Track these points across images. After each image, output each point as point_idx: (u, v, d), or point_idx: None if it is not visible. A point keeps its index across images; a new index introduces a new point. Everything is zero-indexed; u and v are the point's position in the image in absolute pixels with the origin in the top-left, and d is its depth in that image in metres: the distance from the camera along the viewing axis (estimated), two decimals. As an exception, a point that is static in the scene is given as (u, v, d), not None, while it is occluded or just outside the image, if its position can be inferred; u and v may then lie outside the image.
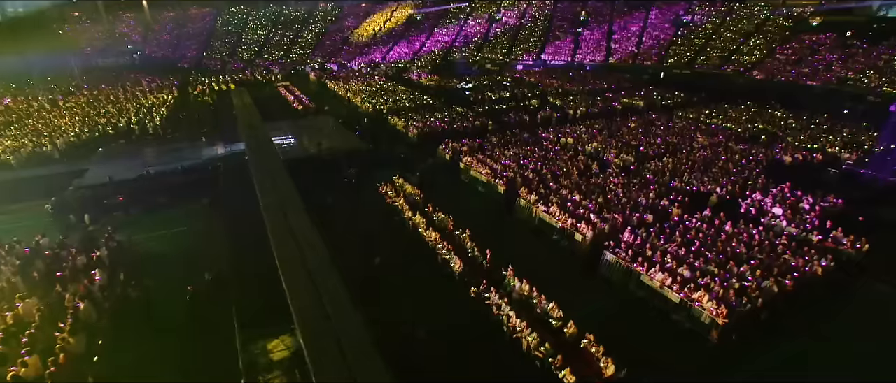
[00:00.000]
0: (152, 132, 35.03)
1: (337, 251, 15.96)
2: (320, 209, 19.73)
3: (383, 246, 16.94)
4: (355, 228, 18.45)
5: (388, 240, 17.67)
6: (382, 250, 16.45)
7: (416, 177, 22.81)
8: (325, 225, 18.06)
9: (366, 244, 17.02)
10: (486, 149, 26.40)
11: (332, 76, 60.74)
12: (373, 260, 15.70)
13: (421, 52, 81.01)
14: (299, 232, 16.05)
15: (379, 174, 23.87)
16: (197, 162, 25.22)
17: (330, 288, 10.71)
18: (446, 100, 42.18)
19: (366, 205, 20.92)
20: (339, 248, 16.40)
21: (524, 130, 30.91)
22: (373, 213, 20.08)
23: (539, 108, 38.07)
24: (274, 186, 20.58)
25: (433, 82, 52.08)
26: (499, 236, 17.66)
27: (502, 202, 20.62)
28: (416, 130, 30.66)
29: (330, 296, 9.92)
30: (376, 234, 17.92)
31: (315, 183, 23.00)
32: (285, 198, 19.36)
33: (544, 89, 46.33)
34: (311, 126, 32.33)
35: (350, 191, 22.46)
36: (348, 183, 23.21)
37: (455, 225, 17.28)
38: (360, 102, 40.85)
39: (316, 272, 11.24)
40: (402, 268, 15.72)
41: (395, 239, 17.91)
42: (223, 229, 18.91)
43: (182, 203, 21.76)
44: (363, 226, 18.73)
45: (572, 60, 67.97)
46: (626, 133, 29.08)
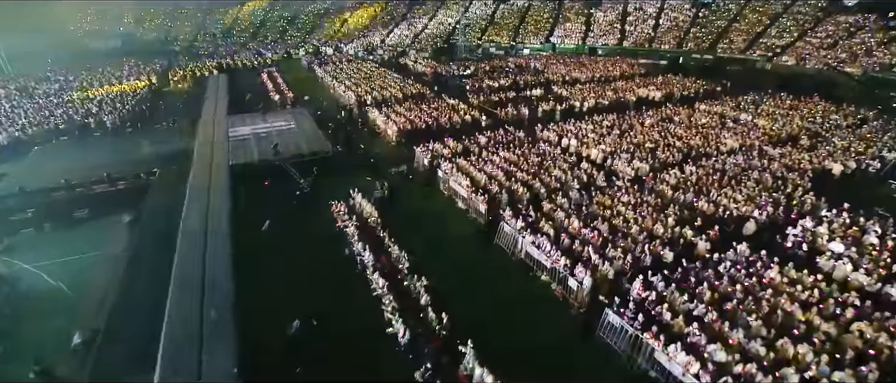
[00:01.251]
0: (111, 126, 31.60)
1: (250, 301, 12.45)
2: (250, 237, 16.10)
3: (315, 294, 13.22)
4: (285, 266, 14.67)
5: (324, 284, 13.79)
6: (312, 301, 12.75)
7: (381, 192, 18.98)
8: (248, 259, 14.63)
9: (292, 290, 13.34)
10: (473, 152, 22.43)
11: (322, 61, 56.68)
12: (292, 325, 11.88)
13: (422, 35, 76.34)
14: (211, 269, 12.98)
15: (341, 185, 20.11)
16: (137, 167, 21.63)
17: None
18: (439, 90, 38.04)
19: (308, 232, 16.90)
20: (257, 295, 12.96)
21: (521, 128, 26.78)
22: (314, 244, 16.04)
23: (542, 99, 33.80)
24: (204, 204, 17.15)
25: (430, 69, 47.78)
26: (469, 279, 13.88)
27: (483, 227, 16.74)
28: (397, 127, 26.70)
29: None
30: (310, 275, 14.15)
31: (259, 197, 19.28)
32: (212, 220, 15.90)
33: (551, 78, 41.82)
34: (282, 120, 28.56)
35: (297, 211, 18.58)
36: (300, 195, 19.48)
37: (413, 265, 13.47)
38: (342, 92, 36.85)
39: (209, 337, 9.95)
40: (333, 326, 12.00)
41: (335, 283, 13.86)
42: (128, 260, 15.31)
43: (106, 218, 18.31)
44: (297, 263, 14.89)
45: (583, 44, 62.90)
46: (639, 132, 24.80)
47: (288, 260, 14.92)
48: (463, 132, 26.56)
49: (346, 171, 22.36)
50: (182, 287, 12.51)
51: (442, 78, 44.17)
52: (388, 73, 44.82)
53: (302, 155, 22.51)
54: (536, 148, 22.64)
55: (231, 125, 27.73)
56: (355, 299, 12.85)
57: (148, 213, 17.48)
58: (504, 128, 25.84)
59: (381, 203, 18.90)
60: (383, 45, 72.25)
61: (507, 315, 12.43)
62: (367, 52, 68.51)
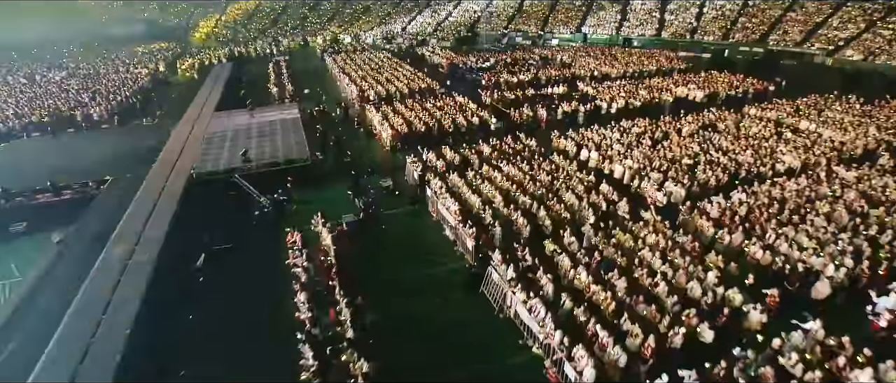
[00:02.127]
0: (97, 119, 29.82)
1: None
2: (178, 275, 13.37)
3: (226, 363, 10.34)
4: (206, 319, 11.90)
5: (246, 350, 10.78)
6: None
7: (355, 214, 15.99)
8: (163, 306, 11.86)
9: (201, 357, 10.52)
10: (472, 165, 19.12)
11: (335, 51, 53.98)
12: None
13: (445, 23, 72.56)
14: (110, 319, 10.19)
15: (315, 202, 17.29)
16: (92, 172, 19.34)
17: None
18: (452, 85, 34.61)
19: (251, 271, 13.90)
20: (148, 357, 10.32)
21: (534, 133, 23.20)
22: (252, 290, 13.03)
23: (564, 98, 29.92)
24: (141, 224, 14.63)
25: (446, 60, 44.28)
26: (438, 347, 10.73)
27: (470, 265, 13.48)
28: (393, 131, 23.56)
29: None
30: (231, 335, 11.27)
31: (209, 218, 16.49)
32: (141, 249, 13.11)
33: (578, 73, 37.60)
34: (270, 118, 25.88)
35: (250, 239, 15.70)
36: (260, 216, 16.70)
37: (361, 328, 10.38)
38: (346, 86, 33.90)
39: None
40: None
41: (260, 350, 10.82)
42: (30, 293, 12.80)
43: (43, 234, 16.05)
44: (223, 315, 12.03)
45: (617, 34, 57.79)
46: (675, 143, 20.80)
47: (211, 311, 12.10)
48: (466, 138, 23.28)
49: (324, 185, 19.48)
50: (64, 340, 9.91)
51: (458, 71, 40.66)
52: (401, 65, 41.62)
53: (277, 163, 19.75)
54: (548, 162, 19.03)
55: (212, 123, 25.34)
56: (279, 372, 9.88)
57: (76, 234, 15.01)
58: (514, 134, 22.32)
59: (356, 228, 15.96)
60: (403, 34, 68.97)
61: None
62: (387, 40, 65.44)
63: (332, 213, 16.03)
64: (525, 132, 23.16)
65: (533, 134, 22.98)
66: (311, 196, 19.01)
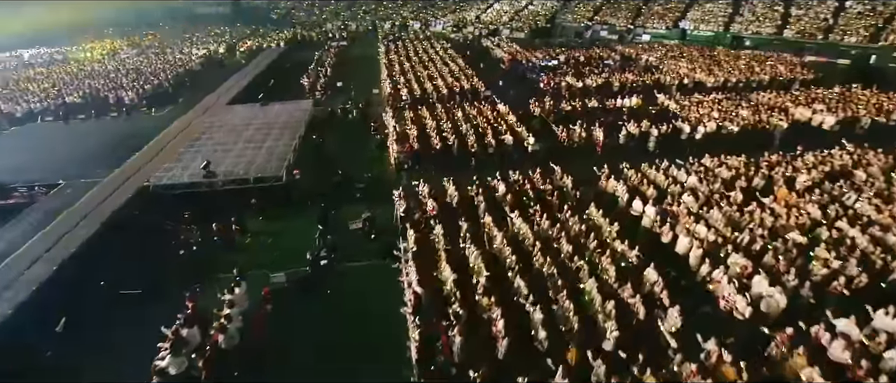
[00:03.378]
0: (128, 102, 29.08)
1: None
2: (23, 351, 10.20)
3: None
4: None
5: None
6: None
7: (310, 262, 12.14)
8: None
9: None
10: (478, 206, 14.33)
11: (395, 38, 50.63)
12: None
13: (523, 11, 66.22)
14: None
15: (274, 237, 13.78)
16: (56, 172, 17.46)
17: None
18: (504, 86, 29.43)
19: (113, 355, 10.13)
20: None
21: (580, 163, 17.73)
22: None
23: (637, 113, 23.66)
24: (37, 255, 11.64)
25: (508, 56, 38.89)
26: None
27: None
28: (406, 144, 19.39)
29: None
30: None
31: (131, 249, 13.38)
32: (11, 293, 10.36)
33: (663, 80, 30.45)
34: (275, 116, 22.90)
35: (156, 289, 12.30)
36: (193, 253, 13.42)
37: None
38: (382, 80, 30.10)
39: None
40: None
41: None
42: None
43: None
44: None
45: (725, 31, 48.03)
46: (785, 201, 14.27)
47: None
48: (485, 164, 18.43)
49: (295, 212, 15.84)
50: None
51: (519, 69, 35.28)
52: (455, 59, 36.98)
53: (245, 180, 16.51)
54: (580, 219, 13.60)
55: (216, 117, 22.97)
56: None
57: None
58: (550, 163, 17.01)
59: (300, 287, 12.18)
60: (476, 22, 63.90)
61: None
62: (456, 28, 60.92)
63: (289, 257, 12.40)
64: (567, 163, 17.71)
65: (572, 165, 17.49)
66: (276, 227, 15.56)
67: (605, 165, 16.78)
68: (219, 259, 13.89)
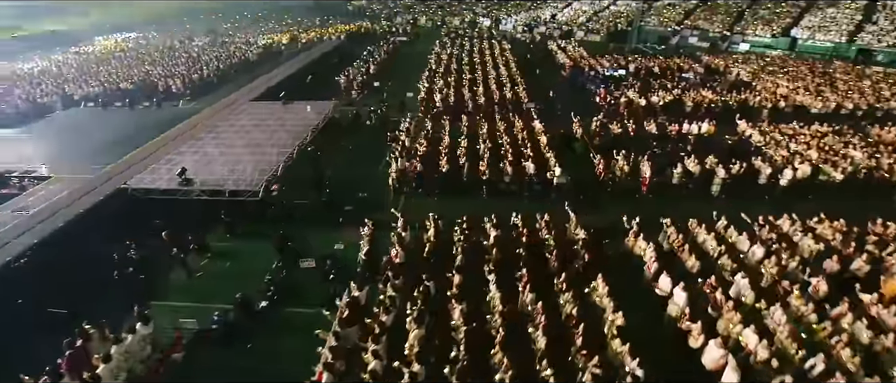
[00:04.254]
0: (176, 92, 29.56)
1: None
2: None
3: None
4: None
5: None
6: None
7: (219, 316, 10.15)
8: None
9: None
10: (456, 257, 11.43)
11: (456, 35, 48.09)
12: None
13: (605, 11, 60.50)
14: None
15: (230, 261, 12.07)
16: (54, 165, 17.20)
17: None
18: (555, 98, 25.74)
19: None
20: None
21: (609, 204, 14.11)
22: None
23: (697, 149, 19.15)
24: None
25: (570, 61, 34.80)
26: None
27: None
28: (407, 164, 16.92)
29: None
30: None
31: (71, 263, 12.08)
32: None
33: (752, 101, 24.91)
34: (291, 116, 21.44)
35: (87, 312, 10.55)
36: (129, 274, 11.93)
37: None
38: (419, 84, 27.74)
39: None
40: None
41: None
42: None
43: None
44: None
45: (849, 43, 39.68)
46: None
47: None
48: (501, 194, 15.43)
49: (254, 239, 13.96)
50: None
51: (580, 78, 31.23)
52: (509, 63, 33.64)
53: (221, 191, 14.99)
54: (578, 291, 10.16)
55: (231, 114, 22.07)
56: None
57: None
58: (563, 214, 13.52)
59: (221, 338, 10.27)
60: (550, 22, 59.44)
61: None
62: (527, 28, 57.01)
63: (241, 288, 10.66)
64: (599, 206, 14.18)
65: (603, 208, 13.89)
66: (242, 249, 13.85)
67: (633, 223, 12.89)
68: (160, 281, 12.46)
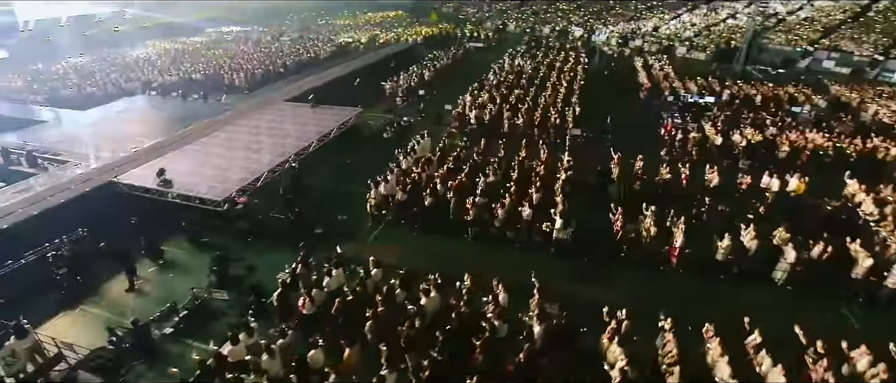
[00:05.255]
0: (239, 85, 30.92)
1: None
2: None
3: None
4: None
5: None
6: None
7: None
8: None
9: None
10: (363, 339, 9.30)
11: (534, 45, 44.70)
12: None
13: (720, 26, 52.48)
14: None
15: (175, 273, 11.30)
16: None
17: None
18: (612, 125, 21.93)
19: None
20: None
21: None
22: None
23: (767, 213, 14.52)
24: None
25: (648, 82, 30.04)
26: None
27: None
28: (388, 191, 14.98)
29: None
30: None
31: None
32: None
33: (881, 153, 18.74)
34: (315, 120, 20.61)
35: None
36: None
37: None
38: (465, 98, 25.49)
39: None
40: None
41: None
42: None
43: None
44: None
45: None
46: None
47: None
48: (476, 247, 12.92)
49: (210, 253, 12.99)
50: None
51: (655, 103, 26.65)
52: (574, 81, 29.81)
53: (190, 197, 14.38)
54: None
55: (254, 115, 21.93)
56: None
57: None
58: (544, 291, 10.52)
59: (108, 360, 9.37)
60: (650, 35, 53.09)
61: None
62: (623, 40, 51.51)
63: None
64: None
65: (607, 287, 10.66)
66: (193, 263, 13.06)
67: (622, 310, 9.52)
68: (91, 284, 12.10)
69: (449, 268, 11.13)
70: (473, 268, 10.79)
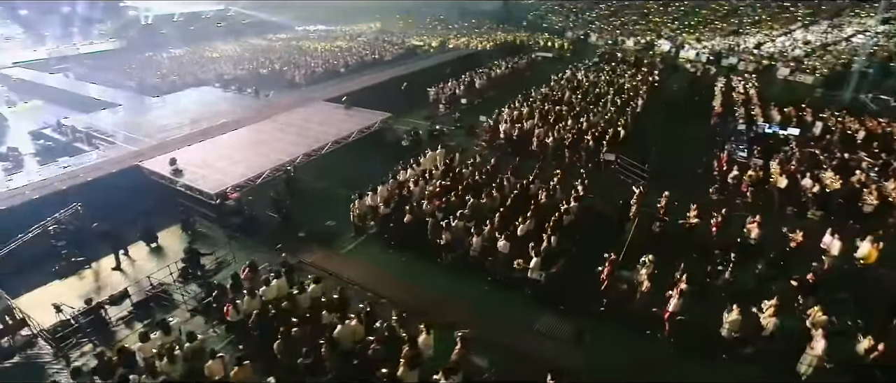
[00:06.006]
0: (298, 82, 32.53)
1: None
2: None
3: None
4: None
5: None
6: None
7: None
8: None
9: None
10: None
11: (611, 59, 41.45)
12: None
13: (839, 45, 44.91)
14: None
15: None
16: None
17: None
18: (657, 153, 19.49)
19: None
20: None
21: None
22: None
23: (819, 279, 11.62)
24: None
25: (721, 106, 26.36)
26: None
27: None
28: (376, 200, 14.43)
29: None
30: None
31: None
32: None
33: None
34: (345, 124, 20.70)
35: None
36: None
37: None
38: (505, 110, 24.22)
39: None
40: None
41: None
42: None
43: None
44: None
45: None
46: None
47: None
48: (449, 274, 11.96)
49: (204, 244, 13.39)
50: None
51: (727, 128, 23.28)
52: (634, 99, 26.98)
53: (191, 188, 15.01)
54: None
55: (288, 113, 22.63)
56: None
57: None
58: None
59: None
60: (751, 52, 46.97)
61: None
62: (715, 57, 46.16)
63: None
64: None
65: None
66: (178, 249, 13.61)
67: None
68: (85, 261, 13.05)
69: (407, 294, 10.42)
70: (434, 298, 9.92)
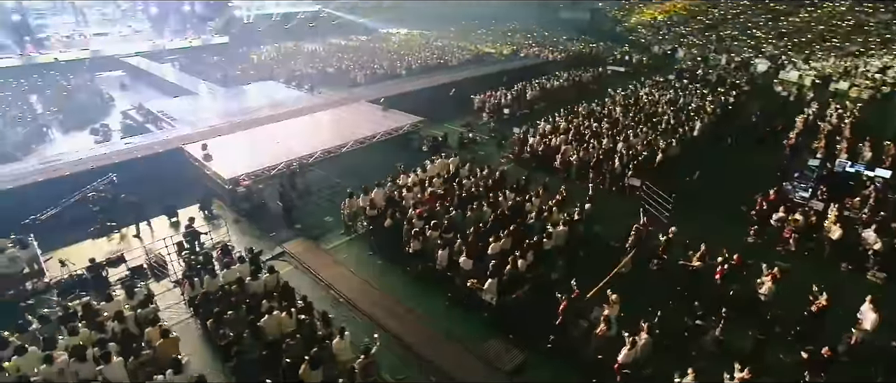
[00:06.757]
0: (358, 83, 34.29)
1: None
2: None
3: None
4: None
5: None
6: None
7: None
8: None
9: None
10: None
11: (684, 77, 38.01)
12: None
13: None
14: None
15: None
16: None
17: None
18: (699, 179, 17.69)
19: None
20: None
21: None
22: None
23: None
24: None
25: (792, 139, 23.06)
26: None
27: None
28: (372, 201, 14.74)
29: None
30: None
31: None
32: None
33: None
34: (381, 124, 21.42)
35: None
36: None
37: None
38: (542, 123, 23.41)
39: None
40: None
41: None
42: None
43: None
44: None
45: None
46: None
47: None
48: (419, 289, 12.01)
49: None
50: None
51: (792, 163, 20.43)
52: (686, 122, 24.41)
53: (218, 175, 16.48)
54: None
55: (328, 111, 23.84)
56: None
57: None
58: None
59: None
60: (864, 75, 40.33)
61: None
62: (820, 81, 40.41)
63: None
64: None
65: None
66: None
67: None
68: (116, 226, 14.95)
69: (364, 297, 10.84)
70: (390, 305, 10.20)
